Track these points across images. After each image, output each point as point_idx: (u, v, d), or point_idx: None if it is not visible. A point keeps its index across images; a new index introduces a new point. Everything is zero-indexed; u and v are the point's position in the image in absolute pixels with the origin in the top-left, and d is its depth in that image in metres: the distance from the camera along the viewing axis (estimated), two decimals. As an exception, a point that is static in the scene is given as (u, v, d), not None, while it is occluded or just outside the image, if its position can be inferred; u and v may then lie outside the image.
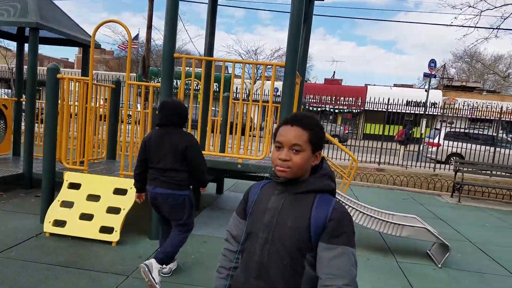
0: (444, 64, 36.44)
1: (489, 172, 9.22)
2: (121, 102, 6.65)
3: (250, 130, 12.74)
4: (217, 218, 5.70)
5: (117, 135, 6.35)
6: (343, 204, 4.93)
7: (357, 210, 5.02)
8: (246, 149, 4.88)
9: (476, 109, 18.83)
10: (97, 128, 5.83)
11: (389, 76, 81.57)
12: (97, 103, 5.57)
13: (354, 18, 73.42)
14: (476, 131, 16.59)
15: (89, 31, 7.02)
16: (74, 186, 4.64)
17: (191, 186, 3.43)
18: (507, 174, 9.30)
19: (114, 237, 4.24)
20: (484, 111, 18.81)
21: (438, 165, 13.26)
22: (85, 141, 5.02)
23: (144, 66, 17.34)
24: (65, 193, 4.58)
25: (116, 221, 4.30)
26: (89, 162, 5.61)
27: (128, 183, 4.52)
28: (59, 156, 4.97)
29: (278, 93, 22.03)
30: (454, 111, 17.66)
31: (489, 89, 33.32)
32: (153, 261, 3.21)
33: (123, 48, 28.96)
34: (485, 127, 24.35)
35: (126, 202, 4.41)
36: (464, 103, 25.59)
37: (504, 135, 17.58)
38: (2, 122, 7.17)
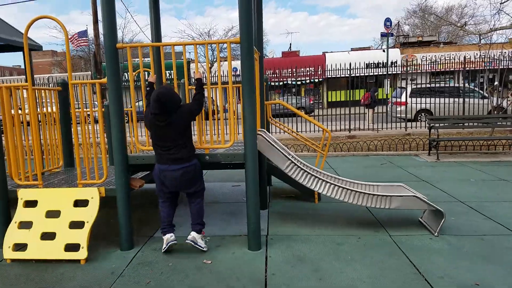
0: (398, 22, 36.77)
1: (461, 125, 9.12)
2: (76, 103, 6.04)
3: (214, 114, 12.26)
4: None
5: (71, 139, 5.76)
6: (320, 178, 4.53)
7: (339, 186, 4.61)
8: (212, 137, 4.33)
9: (438, 63, 18.93)
10: (49, 135, 5.29)
11: (345, 41, 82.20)
12: (44, 108, 5.01)
13: (303, -14, 72.73)
14: (440, 85, 16.69)
15: (36, 34, 6.40)
16: (31, 203, 4.27)
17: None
18: (479, 124, 9.23)
19: (82, 254, 3.89)
20: (446, 63, 18.90)
21: (409, 124, 13.18)
22: (34, 152, 4.43)
23: (96, 62, 16.68)
24: (21, 213, 4.21)
25: (81, 237, 3.97)
26: (45, 174, 5.27)
27: (89, 193, 4.18)
28: (9, 172, 4.48)
29: (238, 73, 21.37)
30: (416, 68, 17.67)
31: (445, 41, 33.94)
32: (194, 233, 3.92)
33: (74, 46, 27.34)
34: (447, 79, 24.81)
35: (89, 214, 4.07)
36: (423, 58, 25.88)
37: (467, 84, 17.84)
38: None
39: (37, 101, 4.94)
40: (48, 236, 4.02)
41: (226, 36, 30.39)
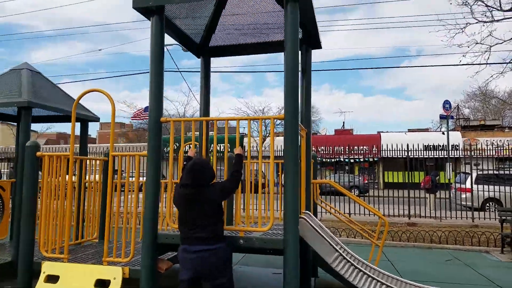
0: (458, 105, 35.63)
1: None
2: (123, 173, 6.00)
3: (263, 187, 11.79)
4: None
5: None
6: None
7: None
8: (248, 217, 3.85)
9: (505, 148, 17.53)
10: (87, 206, 5.16)
11: (401, 122, 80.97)
12: (87, 178, 4.95)
13: (356, 69, 74.40)
14: (507, 172, 15.23)
15: (105, 107, 6.59)
16: (53, 278, 3.98)
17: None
18: None
19: None
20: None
21: (476, 214, 11.83)
22: (62, 223, 4.22)
23: None
24: None
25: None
26: (77, 246, 5.05)
27: (112, 272, 3.83)
28: (38, 241, 4.29)
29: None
30: (481, 152, 16.40)
31: (510, 126, 32.08)
32: None
33: (138, 118, 29.30)
34: (514, 166, 22.87)
35: None
36: (486, 143, 24.32)
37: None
38: None
39: (85, 170, 4.90)
40: (62, 319, 3.62)
41: (279, 113, 31.07)
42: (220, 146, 25.69)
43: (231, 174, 3.50)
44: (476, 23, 11.06)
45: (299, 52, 3.71)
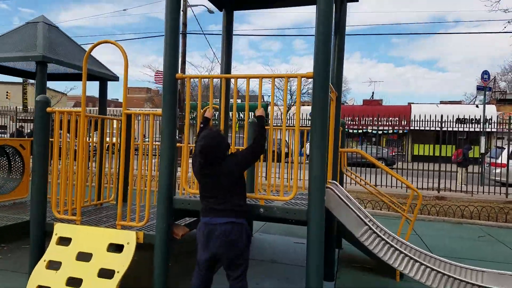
0: (494, 77, 33.71)
1: None
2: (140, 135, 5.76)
3: (287, 157, 11.53)
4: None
5: (128, 173, 5.32)
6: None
7: (432, 269, 3.47)
8: (269, 186, 3.53)
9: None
10: (103, 167, 4.99)
11: (433, 94, 77.87)
12: (102, 138, 4.76)
13: (387, 35, 71.28)
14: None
15: (133, 72, 6.22)
16: (64, 240, 3.82)
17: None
18: None
19: (106, 309, 3.27)
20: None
21: (510, 190, 11.16)
22: (77, 184, 4.03)
23: (179, 100, 17.13)
24: (53, 251, 3.76)
25: (108, 289, 3.37)
26: (93, 208, 4.88)
27: (125, 237, 3.62)
28: (51, 202, 4.10)
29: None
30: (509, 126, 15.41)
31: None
32: None
33: (157, 82, 28.91)
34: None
35: (121, 263, 3.47)
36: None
37: None
38: (19, 163, 6.37)
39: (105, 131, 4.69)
40: (73, 282, 3.50)
41: (306, 82, 29.83)
42: (239, 114, 25.18)
43: (251, 143, 3.14)
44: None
45: (333, 3, 3.25)
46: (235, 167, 3.05)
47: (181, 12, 18.08)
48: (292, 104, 28.95)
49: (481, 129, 15.92)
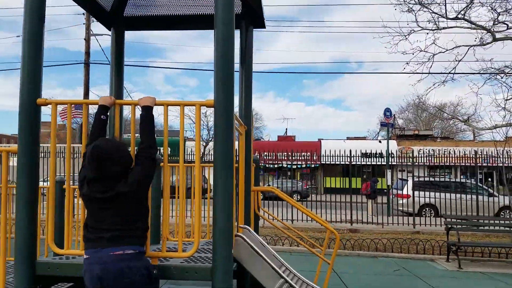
0: (394, 115, 36.80)
1: (486, 227, 7.57)
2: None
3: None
4: None
5: None
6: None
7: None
8: (165, 238, 2.77)
9: (437, 156, 17.81)
10: None
11: (340, 131, 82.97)
12: None
13: (300, 73, 75.45)
14: (446, 179, 15.45)
15: None
16: None
17: None
18: (506, 228, 7.68)
19: None
20: (445, 157, 17.80)
21: (416, 220, 11.54)
22: None
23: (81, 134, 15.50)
24: None
25: None
26: None
27: None
28: None
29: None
30: (418, 160, 16.53)
31: (442, 136, 33.58)
32: None
33: (63, 118, 26.53)
34: (445, 174, 23.68)
35: None
36: (420, 151, 25.00)
37: (469, 180, 16.60)
38: None
39: None
40: None
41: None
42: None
43: (137, 152, 2.40)
44: (420, 30, 10.83)
45: (238, 30, 2.76)
46: (132, 186, 2.24)
47: (84, 41, 16.76)
48: (211, 139, 28.34)
49: (387, 163, 16.72)
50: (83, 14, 18.72)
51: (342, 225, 10.98)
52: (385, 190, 18.72)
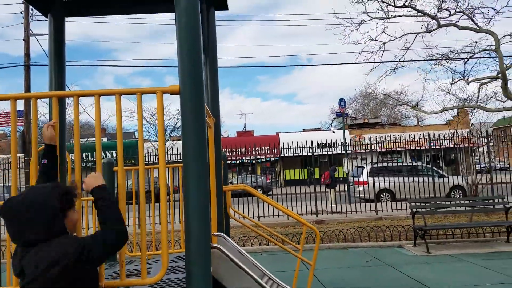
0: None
1: (448, 209, 7.54)
2: None
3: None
4: None
5: None
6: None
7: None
8: (123, 262, 2.17)
9: (388, 142, 18.12)
10: None
11: (295, 124, 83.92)
12: None
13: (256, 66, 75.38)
14: (400, 164, 15.69)
15: None
16: None
17: None
18: (467, 208, 7.71)
19: None
20: (395, 143, 18.16)
21: (379, 207, 11.51)
22: None
23: (24, 142, 13.96)
24: None
25: None
26: None
27: None
28: None
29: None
30: (371, 147, 16.69)
31: (390, 123, 34.60)
32: None
33: (3, 125, 24.37)
34: (395, 158, 24.33)
35: None
36: (370, 139, 25.52)
37: (421, 163, 17.07)
38: None
39: None
40: None
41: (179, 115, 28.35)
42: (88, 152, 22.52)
43: (101, 231, 1.68)
44: (370, 20, 10.76)
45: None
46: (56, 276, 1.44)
47: (23, 42, 15.27)
48: (167, 139, 27.23)
49: (344, 151, 16.75)
50: (21, 13, 17.12)
51: (308, 217, 10.70)
52: (341, 179, 18.92)
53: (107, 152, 23.63)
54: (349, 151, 18.35)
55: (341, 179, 18.60)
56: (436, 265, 6.04)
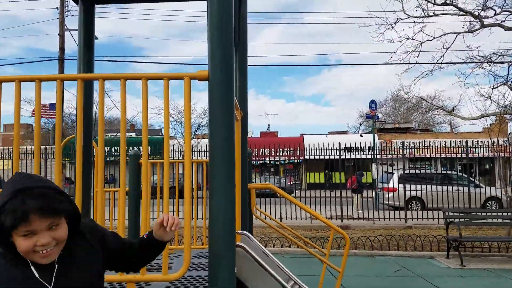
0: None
1: (484, 220, 7.18)
2: None
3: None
4: None
5: None
6: None
7: None
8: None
9: (419, 148, 17.57)
10: None
11: (321, 126, 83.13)
12: None
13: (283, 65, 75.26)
14: (432, 171, 15.20)
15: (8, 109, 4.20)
16: None
17: None
18: (505, 221, 7.31)
19: None
20: (426, 149, 17.58)
21: (409, 216, 11.13)
22: None
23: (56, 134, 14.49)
24: None
25: None
26: None
27: None
28: None
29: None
30: (403, 153, 16.22)
31: (421, 129, 33.70)
32: None
33: (46, 117, 25.08)
34: (426, 166, 23.63)
35: None
36: (403, 143, 24.89)
37: (459, 172, 16.46)
38: None
39: None
40: None
41: (205, 114, 28.21)
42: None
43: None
44: (407, 18, 10.42)
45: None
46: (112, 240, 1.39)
47: (58, 36, 15.73)
48: (192, 137, 27.30)
49: (372, 156, 16.38)
50: (57, 8, 17.67)
51: (332, 222, 10.41)
52: (368, 184, 18.47)
53: (134, 147, 24.09)
54: (378, 156, 17.96)
55: (367, 184, 18.21)
56: (471, 280, 5.73)
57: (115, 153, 21.33)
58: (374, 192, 14.62)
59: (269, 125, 40.18)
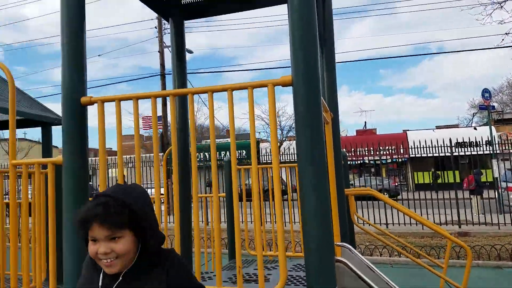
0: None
1: None
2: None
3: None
4: None
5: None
6: None
7: None
8: (240, 268, 1.97)
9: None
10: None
11: (426, 120, 77.22)
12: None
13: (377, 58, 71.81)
14: None
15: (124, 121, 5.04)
16: None
17: None
18: None
19: None
20: None
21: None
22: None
23: (163, 144, 15.99)
24: None
25: None
26: None
27: None
28: None
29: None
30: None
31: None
32: None
33: (147, 128, 27.52)
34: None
35: None
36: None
37: None
38: None
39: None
40: None
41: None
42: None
43: None
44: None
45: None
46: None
47: (158, 54, 17.07)
48: (284, 138, 27.47)
49: (491, 151, 14.52)
50: (155, 27, 19.27)
51: (449, 228, 9.41)
52: (488, 184, 16.36)
53: (227, 152, 25.04)
54: (498, 151, 15.83)
55: (487, 184, 16.19)
56: None
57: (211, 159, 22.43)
58: (496, 193, 12.83)
59: (365, 122, 38.53)
